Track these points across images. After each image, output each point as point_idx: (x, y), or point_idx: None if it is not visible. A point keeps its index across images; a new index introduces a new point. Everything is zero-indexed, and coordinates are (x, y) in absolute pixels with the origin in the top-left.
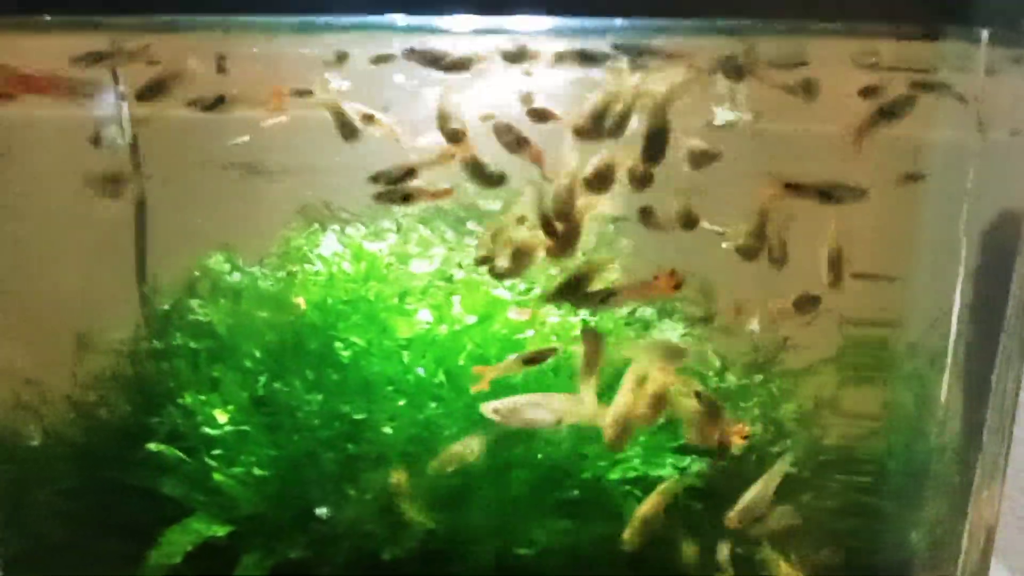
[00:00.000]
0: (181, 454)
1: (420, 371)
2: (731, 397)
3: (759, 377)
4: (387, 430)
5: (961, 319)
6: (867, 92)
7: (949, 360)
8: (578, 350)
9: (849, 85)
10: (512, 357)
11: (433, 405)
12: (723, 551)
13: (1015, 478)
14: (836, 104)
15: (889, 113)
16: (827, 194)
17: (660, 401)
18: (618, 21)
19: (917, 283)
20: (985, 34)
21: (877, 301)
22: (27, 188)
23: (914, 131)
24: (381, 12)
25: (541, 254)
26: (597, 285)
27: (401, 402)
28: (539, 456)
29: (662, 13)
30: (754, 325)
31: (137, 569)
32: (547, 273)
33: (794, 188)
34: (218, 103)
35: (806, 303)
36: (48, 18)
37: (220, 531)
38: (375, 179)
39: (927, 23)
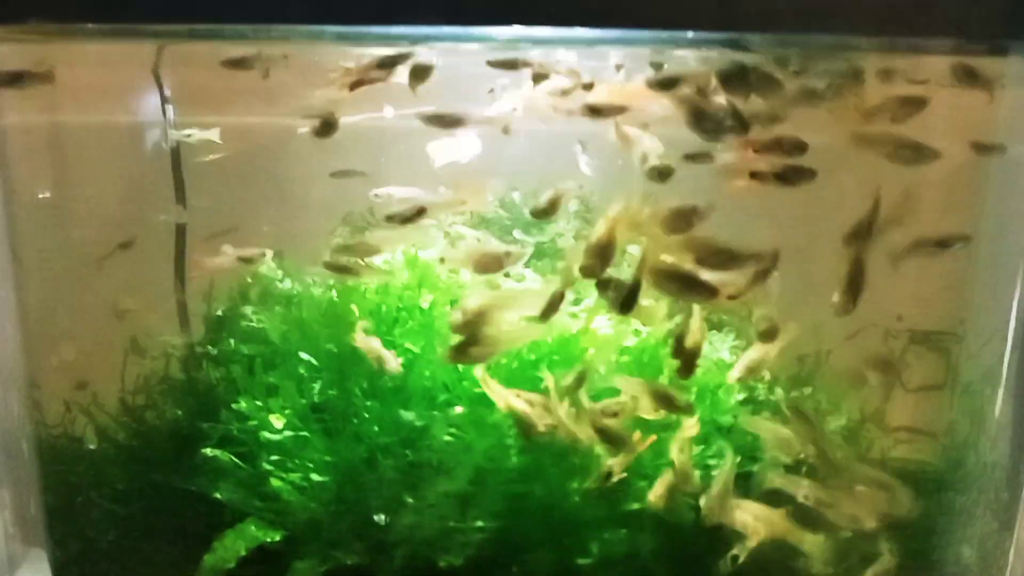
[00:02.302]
0: (236, 459)
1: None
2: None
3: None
4: (445, 437)
5: (1017, 334)
6: None
7: (1004, 374)
8: None
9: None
10: None
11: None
12: None
13: None
14: None
15: None
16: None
17: None
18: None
19: (976, 297)
20: None
21: (937, 316)
22: (82, 193)
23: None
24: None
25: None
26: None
27: (458, 408)
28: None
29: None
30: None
31: (190, 574)
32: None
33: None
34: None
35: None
36: (91, 25)
37: (274, 537)
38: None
39: (994, 38)
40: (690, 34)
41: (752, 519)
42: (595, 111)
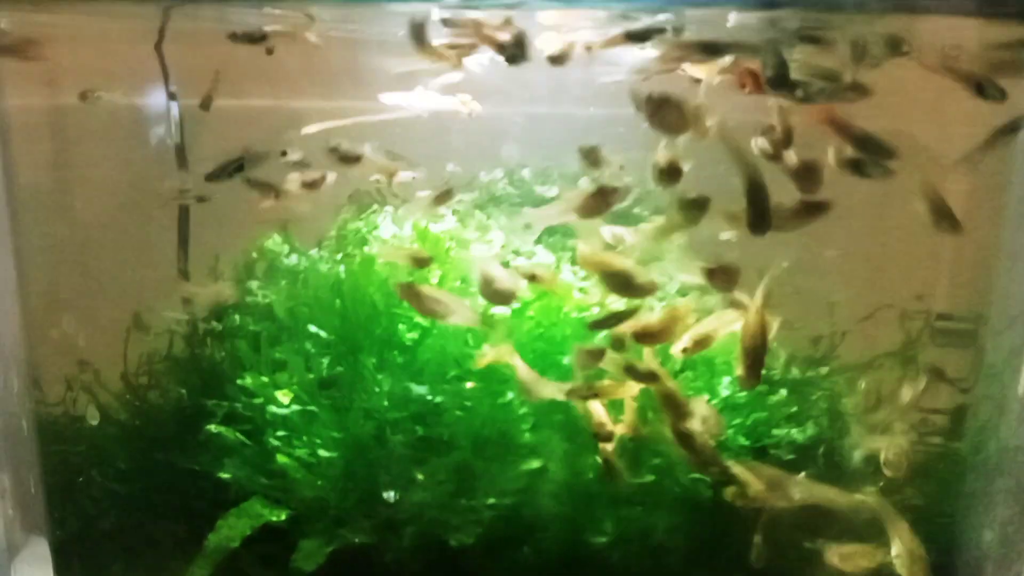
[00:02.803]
0: (242, 436)
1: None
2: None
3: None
4: (457, 412)
5: None
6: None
7: None
8: None
9: None
10: None
11: (500, 387)
12: None
13: None
14: None
15: None
16: None
17: None
18: None
19: (1001, 279)
20: None
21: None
22: (88, 173)
23: None
24: None
25: None
26: None
27: (469, 384)
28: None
29: None
30: None
31: (194, 553)
32: None
33: None
34: None
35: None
36: None
37: (280, 516)
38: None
39: None
40: None
41: None
42: None
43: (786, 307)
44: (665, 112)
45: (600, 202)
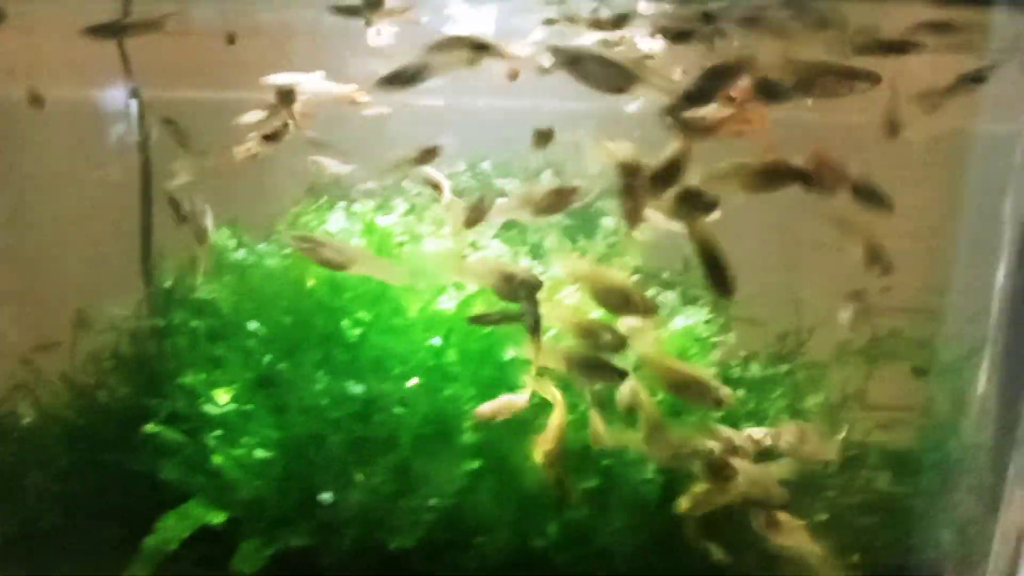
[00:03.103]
0: (179, 436)
1: (435, 341)
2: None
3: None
4: (397, 410)
5: (1002, 313)
6: None
7: (987, 354)
8: None
9: None
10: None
11: (443, 384)
12: None
13: None
14: None
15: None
16: None
17: None
18: None
19: (958, 275)
20: None
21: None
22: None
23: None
24: None
25: None
26: None
27: (412, 380)
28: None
29: None
30: None
31: (132, 556)
32: None
33: None
34: None
35: None
36: None
37: (218, 518)
38: None
39: None
40: None
41: None
42: None
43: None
44: (587, 66)
45: (558, 200)
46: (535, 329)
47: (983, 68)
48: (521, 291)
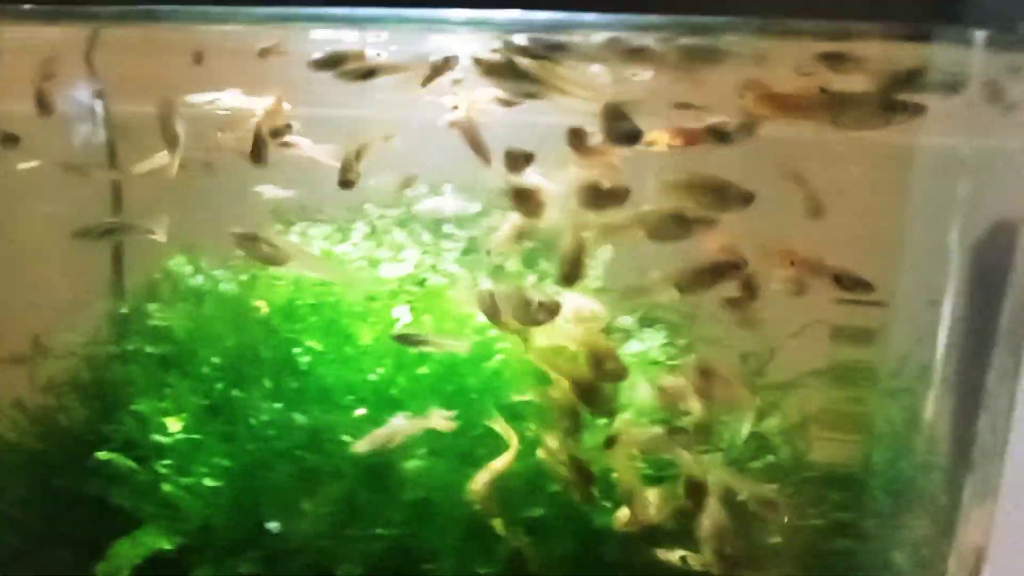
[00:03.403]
0: (131, 463)
1: (378, 372)
2: None
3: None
4: (346, 439)
5: (952, 333)
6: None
7: (936, 375)
8: None
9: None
10: None
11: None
12: None
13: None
14: None
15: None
16: None
17: None
18: (587, 17)
19: (905, 295)
20: (980, 36)
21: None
22: None
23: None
24: None
25: None
26: None
27: (361, 411)
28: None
29: (632, 8)
30: None
31: None
32: None
33: None
34: None
35: None
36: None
37: (171, 544)
38: None
39: (918, 24)
40: None
41: None
42: None
43: None
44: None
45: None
46: None
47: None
48: (541, 315)
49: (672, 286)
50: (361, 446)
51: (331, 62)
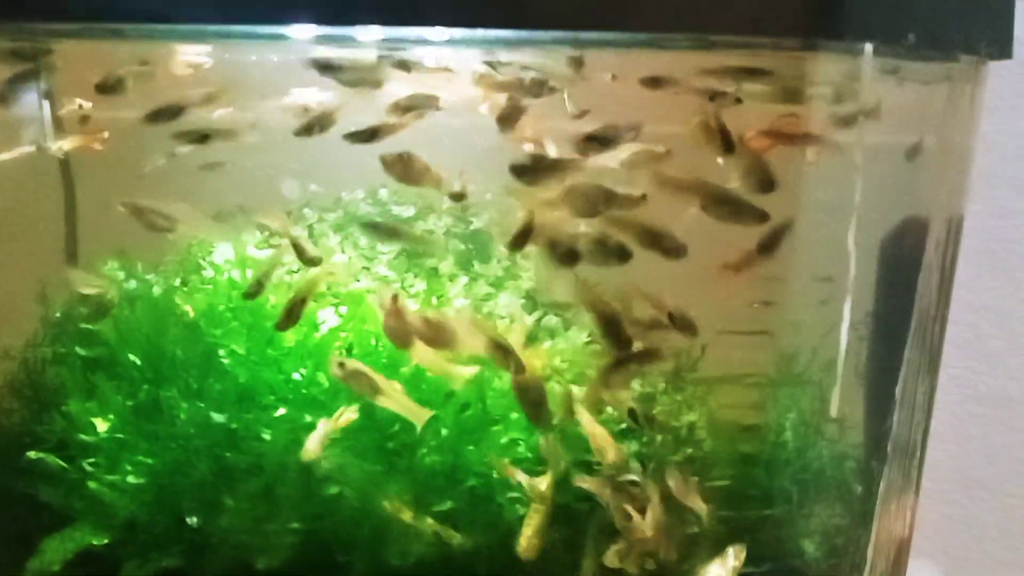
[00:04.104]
0: (60, 462)
1: (296, 376)
2: None
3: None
4: (265, 437)
5: (858, 330)
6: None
7: (839, 373)
8: None
9: None
10: None
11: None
12: None
13: (963, 485)
14: None
15: None
16: None
17: None
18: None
19: (805, 294)
20: (869, 48)
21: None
22: None
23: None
24: None
25: None
26: None
27: (281, 410)
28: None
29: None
30: None
31: None
32: None
33: None
34: None
35: None
36: None
37: (101, 540)
38: None
39: (806, 36)
40: None
41: None
42: None
43: None
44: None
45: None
46: None
47: None
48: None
49: None
50: (309, 452)
51: None
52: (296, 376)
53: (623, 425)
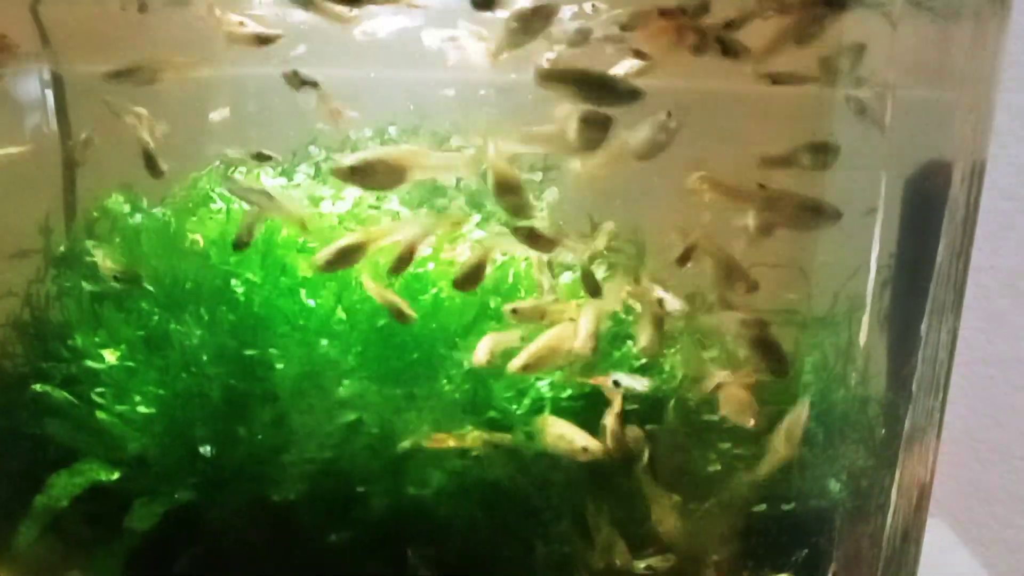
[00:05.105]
0: (67, 395)
1: (311, 303)
2: None
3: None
4: (278, 366)
5: (885, 268)
6: None
7: (868, 308)
8: None
9: None
10: None
11: (326, 342)
12: None
13: (972, 446)
14: None
15: None
16: None
17: None
18: None
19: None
20: None
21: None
22: None
23: None
24: None
25: None
26: None
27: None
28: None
29: None
30: None
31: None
32: None
33: None
34: None
35: None
36: None
37: (110, 475)
38: None
39: None
40: None
41: None
42: None
43: None
44: None
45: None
46: None
47: None
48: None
49: None
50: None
51: None
52: (311, 304)
53: None
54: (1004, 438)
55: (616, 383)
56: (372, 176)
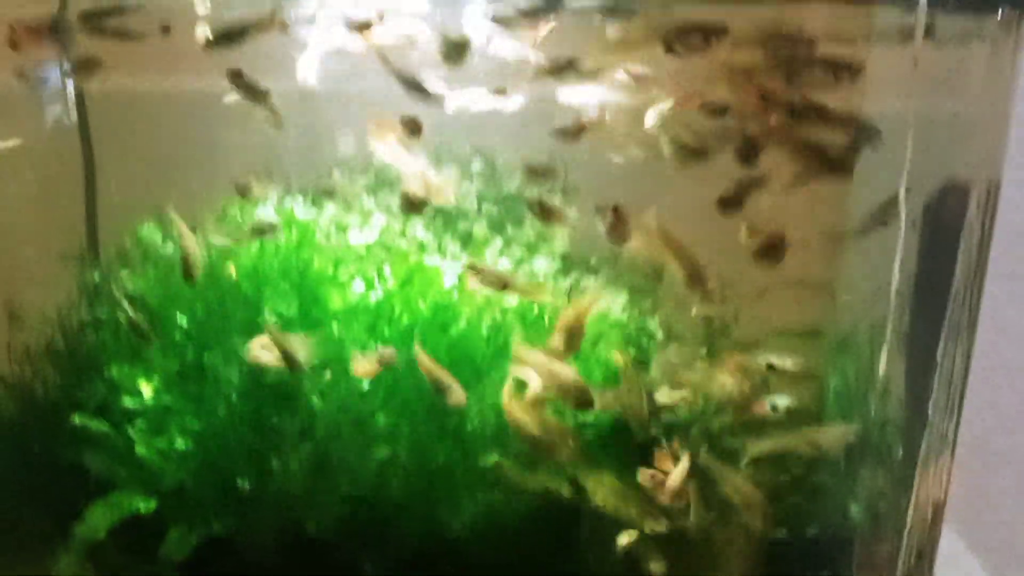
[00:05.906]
0: (105, 427)
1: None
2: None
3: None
4: (315, 400)
5: (904, 291)
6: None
7: (889, 332)
8: None
9: None
10: None
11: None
12: None
13: (980, 453)
14: None
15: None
16: None
17: None
18: None
19: (855, 254)
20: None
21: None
22: None
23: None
24: None
25: None
26: None
27: (328, 373)
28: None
29: None
30: None
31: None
32: None
33: None
34: None
35: None
36: None
37: (148, 506)
38: None
39: None
40: None
41: None
42: None
43: None
44: None
45: None
46: None
47: None
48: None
49: None
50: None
51: None
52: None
53: None
54: (1012, 445)
55: (774, 408)
56: None
